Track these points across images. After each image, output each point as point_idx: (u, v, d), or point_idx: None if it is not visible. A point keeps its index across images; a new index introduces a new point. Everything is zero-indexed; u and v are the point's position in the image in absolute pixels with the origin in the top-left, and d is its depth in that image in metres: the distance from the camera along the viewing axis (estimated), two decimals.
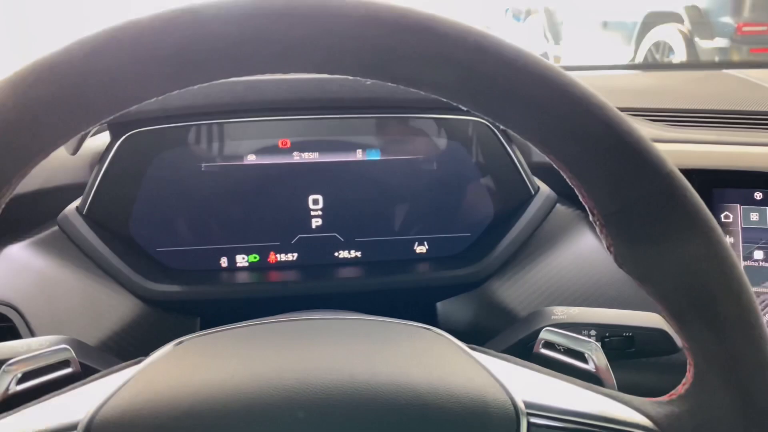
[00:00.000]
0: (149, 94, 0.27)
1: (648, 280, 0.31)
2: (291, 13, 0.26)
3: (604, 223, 0.30)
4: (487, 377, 0.33)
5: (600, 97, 0.28)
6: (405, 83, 0.28)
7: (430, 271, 0.64)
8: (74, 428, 0.30)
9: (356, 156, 0.63)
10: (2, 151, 0.26)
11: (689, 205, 0.29)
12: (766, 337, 0.30)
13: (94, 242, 0.60)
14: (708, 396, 0.31)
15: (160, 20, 0.26)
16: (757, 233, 0.58)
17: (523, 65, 0.27)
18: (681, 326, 0.31)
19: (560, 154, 0.29)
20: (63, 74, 0.25)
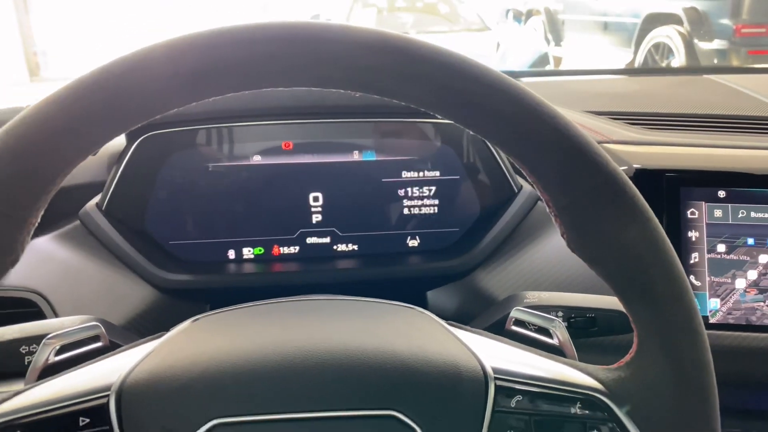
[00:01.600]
0: (171, 106, 0.32)
1: (596, 263, 0.36)
2: (293, 39, 0.31)
3: (558, 215, 0.35)
4: (461, 347, 0.39)
5: (551, 107, 0.34)
6: (389, 96, 0.34)
7: (421, 263, 0.69)
8: (108, 389, 0.35)
9: (353, 157, 0.68)
10: (49, 154, 0.31)
11: (628, 199, 0.34)
12: (694, 309, 0.35)
13: (113, 235, 0.65)
14: (648, 361, 0.36)
15: (181, 44, 0.31)
16: (721, 228, 0.63)
17: (488, 82, 0.33)
18: (625, 302, 0.36)
19: (520, 156, 0.34)
20: (101, 91, 0.31)
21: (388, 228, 0.70)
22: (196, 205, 0.67)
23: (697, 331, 0.35)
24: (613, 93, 0.91)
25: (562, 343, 0.43)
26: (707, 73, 1.11)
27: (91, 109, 0.31)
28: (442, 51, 0.33)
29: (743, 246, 0.62)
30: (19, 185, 0.30)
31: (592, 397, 0.37)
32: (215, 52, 0.31)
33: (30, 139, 0.30)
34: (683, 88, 0.96)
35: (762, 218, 0.62)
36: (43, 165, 0.31)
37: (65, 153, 0.31)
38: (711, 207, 0.63)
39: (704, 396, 0.36)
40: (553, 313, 0.49)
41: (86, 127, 0.31)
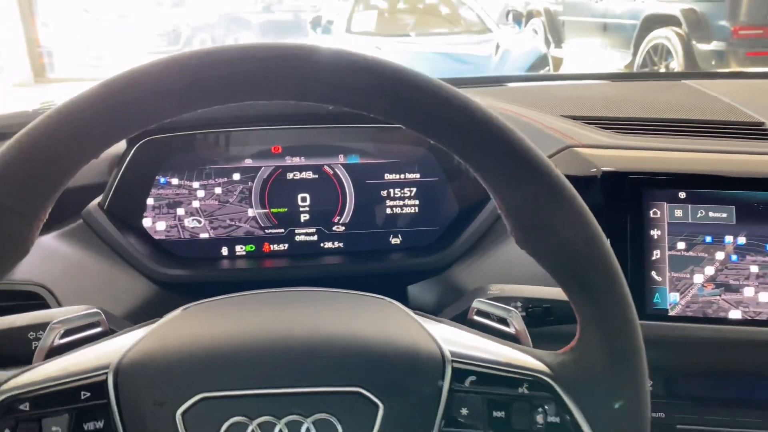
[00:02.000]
0: (166, 116, 0.37)
1: (541, 258, 0.40)
2: (275, 57, 0.36)
3: (506, 215, 0.40)
4: (423, 333, 0.43)
5: (500, 119, 0.38)
6: (357, 109, 0.38)
7: (403, 259, 0.74)
8: (106, 368, 0.40)
9: (338, 160, 0.72)
10: (56, 159, 0.36)
11: (568, 202, 0.38)
12: (627, 301, 0.40)
13: (113, 233, 0.69)
14: (587, 347, 0.41)
15: (174, 63, 0.36)
16: (681, 227, 0.67)
17: (445, 98, 0.37)
18: (568, 294, 0.41)
19: (473, 163, 0.39)
20: (103, 103, 0.35)
21: (372, 226, 0.74)
22: (191, 205, 0.71)
23: (630, 320, 0.39)
24: (591, 98, 0.95)
25: (518, 331, 0.48)
26: (688, 79, 1.15)
27: (93, 119, 0.35)
28: (407, 71, 0.37)
29: (701, 244, 0.66)
30: (31, 186, 0.35)
31: (538, 379, 0.41)
32: (205, 69, 0.35)
33: (40, 146, 0.35)
34: (659, 93, 1.00)
35: (719, 218, 0.66)
36: (51, 168, 0.35)
37: (71, 158, 0.36)
38: (672, 207, 0.67)
39: (636, 379, 0.40)
40: (513, 304, 0.54)
41: (89, 135, 0.36)
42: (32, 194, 0.35)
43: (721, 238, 0.66)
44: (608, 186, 0.68)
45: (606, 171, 0.69)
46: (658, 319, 0.66)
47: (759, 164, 0.68)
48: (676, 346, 0.66)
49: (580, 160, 0.71)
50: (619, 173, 0.68)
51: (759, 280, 0.65)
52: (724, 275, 0.66)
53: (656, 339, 0.66)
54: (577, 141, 0.74)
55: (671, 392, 0.67)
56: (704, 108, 0.91)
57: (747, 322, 0.65)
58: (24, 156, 0.35)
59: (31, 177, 0.35)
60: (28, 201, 0.35)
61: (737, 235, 0.66)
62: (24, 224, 0.36)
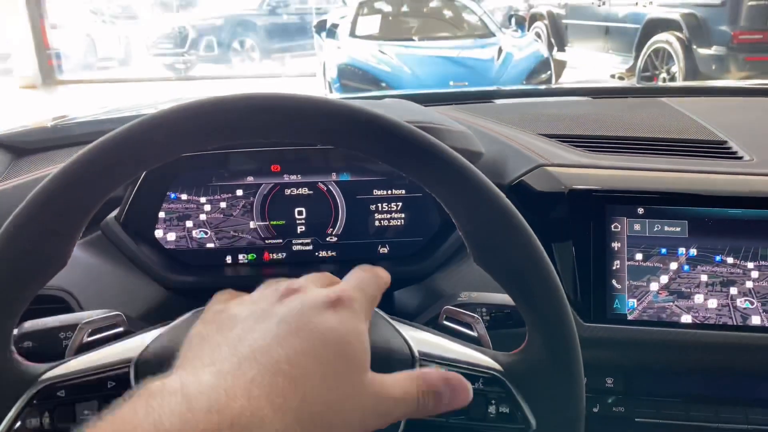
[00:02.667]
0: (177, 154, 0.45)
1: (494, 274, 0.48)
2: (258, 106, 0.43)
3: (465, 237, 0.47)
4: (395, 335, 0.51)
5: (461, 159, 0.46)
6: (340, 147, 0.46)
7: (390, 267, 0.80)
8: (129, 362, 0.47)
9: (331, 177, 0.80)
10: (91, 190, 0.43)
11: (515, 227, 0.46)
12: (565, 310, 0.47)
13: (129, 244, 0.77)
14: (533, 349, 0.48)
15: (184, 110, 0.43)
16: (639, 240, 0.74)
17: (411, 139, 0.45)
18: (517, 305, 0.48)
19: (436, 193, 0.47)
20: (125, 143, 0.43)
21: (362, 237, 0.82)
22: (198, 218, 0.79)
23: (567, 326, 0.47)
24: (568, 116, 1.02)
25: (480, 335, 0.56)
26: (666, 95, 1.22)
27: (120, 158, 0.43)
28: (382, 118, 0.44)
29: (657, 255, 0.74)
30: (70, 212, 0.43)
31: (492, 376, 0.49)
32: (208, 115, 0.43)
33: (77, 180, 0.43)
34: (634, 111, 1.07)
35: (673, 231, 0.73)
36: (86, 197, 0.43)
37: (102, 189, 0.44)
38: (631, 222, 0.74)
39: (572, 376, 0.47)
40: (479, 309, 0.61)
41: (117, 170, 0.44)
42: (71, 218, 0.43)
43: (674, 250, 0.73)
44: (574, 202, 0.76)
45: (572, 189, 0.76)
46: (618, 322, 0.73)
47: (711, 183, 0.75)
48: (634, 347, 0.73)
49: (550, 178, 0.78)
50: (584, 191, 0.76)
51: (708, 288, 0.73)
52: (677, 283, 0.73)
53: (616, 340, 0.73)
54: (548, 160, 0.81)
55: (630, 388, 0.74)
56: (674, 127, 0.98)
57: (697, 325, 0.72)
58: (64, 188, 0.42)
59: (70, 205, 0.43)
60: (68, 224, 0.43)
61: (689, 248, 0.73)
62: (64, 243, 0.43)
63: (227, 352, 0.33)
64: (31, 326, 0.57)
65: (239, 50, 9.65)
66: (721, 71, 4.97)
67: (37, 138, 0.98)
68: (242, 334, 0.34)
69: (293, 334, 0.34)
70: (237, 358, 0.32)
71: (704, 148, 0.88)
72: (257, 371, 0.31)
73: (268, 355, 0.32)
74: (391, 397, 0.38)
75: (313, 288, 0.40)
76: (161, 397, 0.29)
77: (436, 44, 5.75)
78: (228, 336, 0.35)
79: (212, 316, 0.38)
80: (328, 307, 0.37)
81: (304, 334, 0.35)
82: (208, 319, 0.38)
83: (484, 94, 1.32)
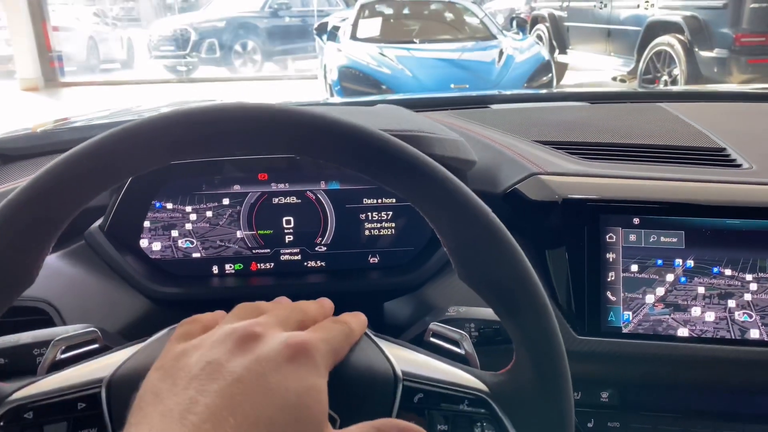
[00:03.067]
0: (148, 167, 0.43)
1: (479, 291, 0.46)
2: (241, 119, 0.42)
3: (449, 253, 0.46)
4: (378, 354, 0.49)
5: (446, 174, 0.44)
6: (329, 161, 0.44)
7: (380, 278, 0.79)
8: (100, 382, 0.46)
9: (320, 186, 0.78)
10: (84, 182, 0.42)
11: (500, 243, 0.44)
12: (553, 330, 0.45)
13: (112, 254, 0.75)
14: (520, 369, 0.46)
15: (160, 120, 0.42)
16: (634, 251, 0.72)
17: (397, 154, 0.43)
18: (503, 322, 0.46)
19: (421, 209, 0.45)
20: (120, 143, 0.41)
21: (352, 247, 0.80)
22: (184, 227, 0.77)
23: (555, 346, 0.45)
24: (564, 122, 1.01)
25: (468, 353, 0.54)
26: (664, 101, 1.20)
27: (91, 169, 0.41)
28: (369, 132, 0.43)
29: (653, 266, 0.72)
30: (36, 227, 0.41)
31: (477, 397, 0.47)
32: (191, 127, 0.42)
33: (45, 192, 0.41)
34: (631, 117, 1.05)
35: (670, 242, 0.72)
36: (52, 213, 0.42)
37: (72, 201, 0.42)
38: (626, 232, 0.72)
39: (561, 398, 0.45)
40: (467, 325, 0.60)
41: (85, 184, 0.42)
42: (37, 234, 0.41)
43: (671, 261, 0.71)
44: (568, 211, 0.74)
45: (566, 198, 0.74)
46: (612, 336, 0.71)
47: (707, 192, 0.73)
48: (629, 361, 0.71)
49: (543, 187, 0.77)
50: (578, 200, 0.74)
51: (705, 301, 0.71)
52: (673, 296, 0.71)
53: (611, 354, 0.71)
54: (542, 168, 0.79)
55: (625, 403, 0.73)
56: (672, 133, 0.96)
57: (694, 339, 0.70)
58: (31, 201, 0.41)
59: (36, 220, 0.41)
60: (34, 240, 0.41)
61: (686, 259, 0.71)
62: (30, 260, 0.42)
63: (177, 419, 0.32)
64: (3, 342, 0.56)
65: (241, 53, 9.64)
66: (723, 74, 4.95)
67: (24, 144, 0.96)
68: (194, 397, 0.33)
69: (247, 397, 0.33)
70: (187, 429, 0.31)
71: (702, 155, 0.86)
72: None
73: (219, 426, 0.32)
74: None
75: (274, 332, 0.38)
76: None
77: (437, 47, 5.74)
78: (180, 397, 0.33)
79: (170, 364, 0.37)
80: (287, 360, 0.36)
81: (258, 398, 0.34)
82: (165, 367, 0.37)
83: (481, 99, 1.30)
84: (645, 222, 0.72)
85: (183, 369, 0.36)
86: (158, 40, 9.61)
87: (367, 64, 5.29)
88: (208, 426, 0.31)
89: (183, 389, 0.34)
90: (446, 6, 6.45)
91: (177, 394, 0.34)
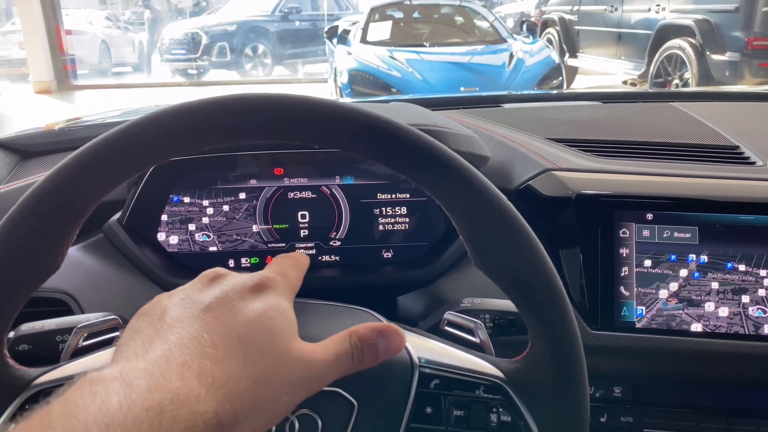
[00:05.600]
0: (170, 155, 0.44)
1: (494, 279, 0.46)
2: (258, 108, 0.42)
3: (465, 240, 0.46)
4: None
5: (461, 161, 0.44)
6: (343, 149, 0.45)
7: (394, 272, 0.80)
8: None
9: (335, 181, 0.79)
10: (83, 190, 0.43)
11: (516, 230, 0.44)
12: (569, 317, 0.45)
13: (131, 247, 0.76)
14: (536, 356, 0.47)
15: (180, 110, 0.42)
16: (648, 246, 0.72)
17: (413, 143, 0.44)
18: (519, 310, 0.47)
19: (437, 196, 0.45)
20: (126, 140, 0.42)
21: (366, 242, 0.81)
22: (201, 221, 0.78)
23: (570, 333, 0.45)
24: (577, 121, 1.01)
25: (483, 341, 0.54)
26: (677, 100, 1.20)
27: (113, 159, 0.42)
28: (386, 121, 0.43)
29: (667, 262, 0.72)
30: (61, 213, 0.42)
31: (493, 383, 0.47)
32: (200, 116, 0.42)
33: (70, 180, 0.42)
34: (644, 115, 1.06)
35: (683, 238, 0.72)
36: (78, 198, 0.42)
37: (95, 190, 0.43)
38: (640, 227, 0.73)
39: (576, 385, 0.46)
40: (482, 315, 0.60)
41: (110, 171, 0.43)
42: (62, 220, 0.42)
43: (684, 256, 0.72)
44: (582, 207, 0.74)
45: (580, 193, 0.74)
46: (626, 330, 0.72)
47: (721, 188, 0.74)
48: (643, 356, 0.72)
49: (557, 183, 0.77)
50: (591, 196, 0.74)
51: (719, 296, 0.71)
52: (687, 291, 0.71)
53: (624, 349, 0.72)
54: (556, 164, 0.80)
55: (638, 398, 0.73)
56: (685, 131, 0.96)
57: (707, 334, 0.71)
58: (57, 188, 0.42)
59: (61, 207, 0.42)
60: (59, 226, 0.42)
61: (700, 254, 0.71)
62: (56, 246, 0.43)
63: (159, 341, 0.35)
64: (28, 329, 0.57)
65: (251, 56, 9.69)
66: (734, 77, 4.93)
67: (43, 141, 0.98)
68: (171, 324, 0.37)
69: (217, 319, 0.37)
70: (168, 346, 0.34)
71: (716, 152, 0.86)
72: (187, 356, 0.34)
73: (196, 341, 0.35)
74: (323, 360, 0.40)
75: (235, 275, 0.43)
76: (103, 383, 0.31)
77: (447, 50, 5.74)
78: (159, 327, 0.37)
79: (146, 309, 0.41)
80: (250, 290, 0.40)
81: (226, 318, 0.37)
82: (142, 312, 0.41)
83: (493, 98, 1.30)
84: (658, 217, 0.72)
85: (159, 310, 0.39)
86: (169, 44, 9.68)
87: (377, 68, 5.30)
88: (186, 341, 0.35)
89: (160, 321, 0.37)
90: (456, 9, 6.45)
91: (155, 326, 0.37)
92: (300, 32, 9.89)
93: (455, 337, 0.55)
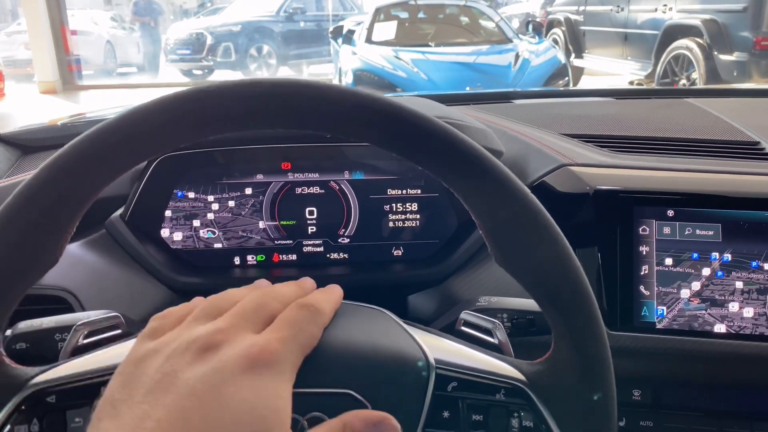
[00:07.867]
0: (175, 145, 0.41)
1: (517, 276, 0.44)
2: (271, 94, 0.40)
3: (486, 235, 0.44)
4: (411, 342, 0.47)
5: (482, 151, 0.42)
6: (356, 139, 0.42)
7: (404, 271, 0.78)
8: None
9: (344, 176, 0.77)
10: (81, 182, 0.40)
11: (540, 224, 0.42)
12: (596, 316, 0.43)
13: (133, 243, 0.74)
14: (560, 358, 0.44)
15: (171, 100, 0.40)
16: (669, 244, 0.70)
17: (433, 131, 0.41)
18: (542, 308, 0.44)
19: (456, 189, 0.43)
20: (128, 127, 0.40)
21: (375, 239, 0.78)
22: (206, 217, 0.76)
23: (597, 334, 0.42)
24: (591, 116, 0.98)
25: (501, 342, 0.52)
26: (691, 97, 1.18)
27: (113, 148, 0.40)
28: (402, 107, 0.41)
29: (688, 260, 0.69)
30: (60, 204, 0.40)
31: (514, 387, 0.45)
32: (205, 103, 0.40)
33: (67, 171, 0.39)
34: (659, 111, 1.03)
35: (706, 235, 0.69)
36: (77, 190, 0.40)
37: (94, 181, 0.41)
38: (660, 225, 0.70)
39: (603, 389, 0.43)
40: (499, 315, 0.57)
41: (110, 162, 0.40)
42: (60, 213, 0.40)
43: (707, 254, 0.69)
44: (600, 203, 0.72)
45: (598, 189, 0.72)
46: (646, 331, 0.69)
47: (745, 184, 0.71)
48: (663, 358, 0.69)
49: (573, 178, 0.74)
50: (610, 191, 0.72)
51: (743, 296, 0.68)
52: (709, 290, 0.69)
53: (644, 350, 0.69)
54: (572, 160, 0.77)
55: (658, 402, 0.70)
56: (703, 127, 0.94)
57: (731, 336, 0.68)
58: (54, 179, 0.39)
59: (60, 197, 0.40)
60: (58, 218, 0.40)
61: (723, 252, 0.69)
62: (53, 238, 0.40)
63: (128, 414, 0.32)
64: (26, 327, 0.54)
65: (256, 56, 9.68)
66: (742, 77, 4.89)
67: (45, 135, 0.96)
68: (147, 411, 0.32)
69: (199, 411, 0.32)
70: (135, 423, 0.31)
71: (736, 148, 0.83)
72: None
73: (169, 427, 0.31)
74: None
75: (236, 338, 0.36)
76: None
77: (453, 50, 5.72)
78: (134, 411, 0.32)
79: (129, 370, 0.36)
80: (244, 371, 0.34)
81: (211, 411, 0.32)
82: (125, 373, 0.36)
83: (503, 95, 1.28)
84: (680, 214, 0.70)
85: (141, 378, 0.34)
86: (174, 44, 9.68)
87: (383, 67, 5.28)
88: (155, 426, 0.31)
89: (138, 403, 0.33)
90: (461, 10, 6.42)
91: (132, 407, 0.33)
92: (305, 32, 9.88)
93: (472, 337, 0.53)
